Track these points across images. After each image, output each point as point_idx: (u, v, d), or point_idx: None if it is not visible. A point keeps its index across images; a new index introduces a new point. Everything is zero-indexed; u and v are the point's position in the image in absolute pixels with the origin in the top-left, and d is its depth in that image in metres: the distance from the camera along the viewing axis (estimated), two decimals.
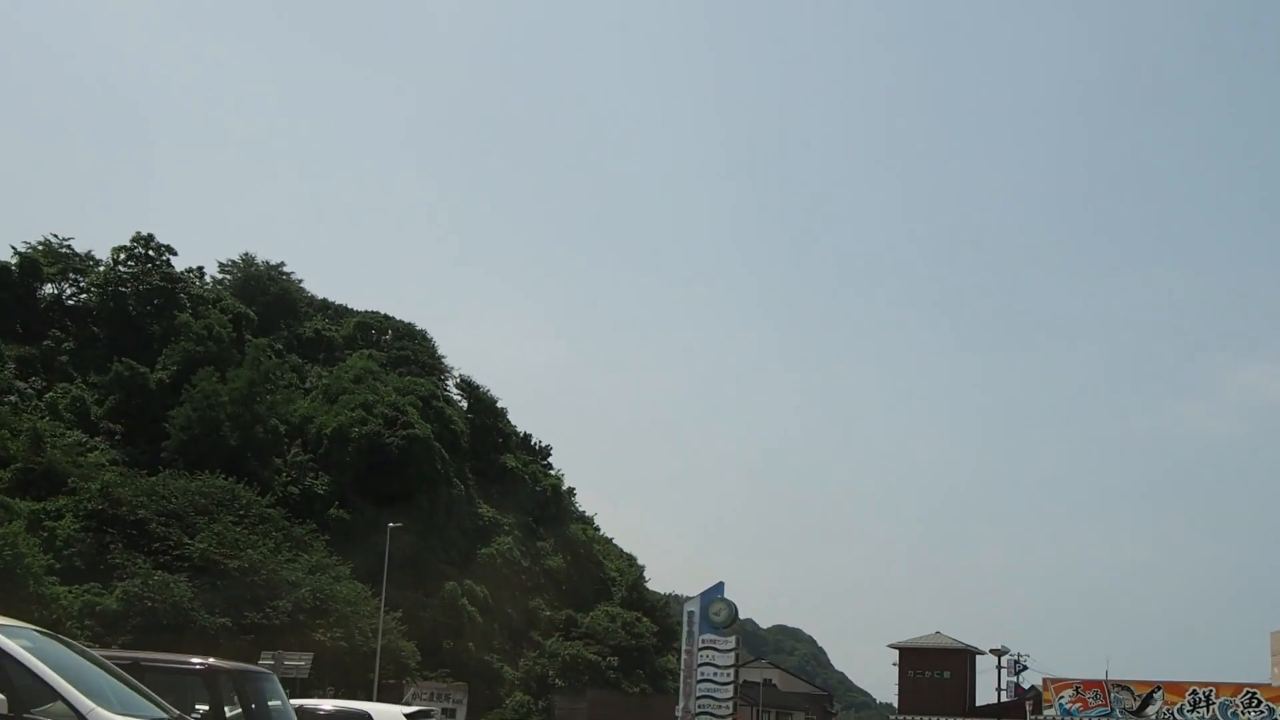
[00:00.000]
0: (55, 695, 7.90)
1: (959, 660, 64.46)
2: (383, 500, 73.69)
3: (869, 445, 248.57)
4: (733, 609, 47.95)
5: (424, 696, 64.19)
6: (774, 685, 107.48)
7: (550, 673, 75.77)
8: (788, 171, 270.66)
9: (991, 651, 64.96)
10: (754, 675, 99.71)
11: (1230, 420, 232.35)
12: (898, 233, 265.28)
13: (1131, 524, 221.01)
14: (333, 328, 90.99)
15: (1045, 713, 57.17)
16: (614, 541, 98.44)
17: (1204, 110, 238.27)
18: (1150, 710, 53.99)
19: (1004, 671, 63.72)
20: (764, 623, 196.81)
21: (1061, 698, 55.37)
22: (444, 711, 63.98)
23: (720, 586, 48.10)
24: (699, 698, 47.57)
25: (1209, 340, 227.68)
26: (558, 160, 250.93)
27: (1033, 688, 62.23)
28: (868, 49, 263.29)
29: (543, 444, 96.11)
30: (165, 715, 8.99)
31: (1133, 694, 55.39)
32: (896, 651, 65.48)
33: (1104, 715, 53.97)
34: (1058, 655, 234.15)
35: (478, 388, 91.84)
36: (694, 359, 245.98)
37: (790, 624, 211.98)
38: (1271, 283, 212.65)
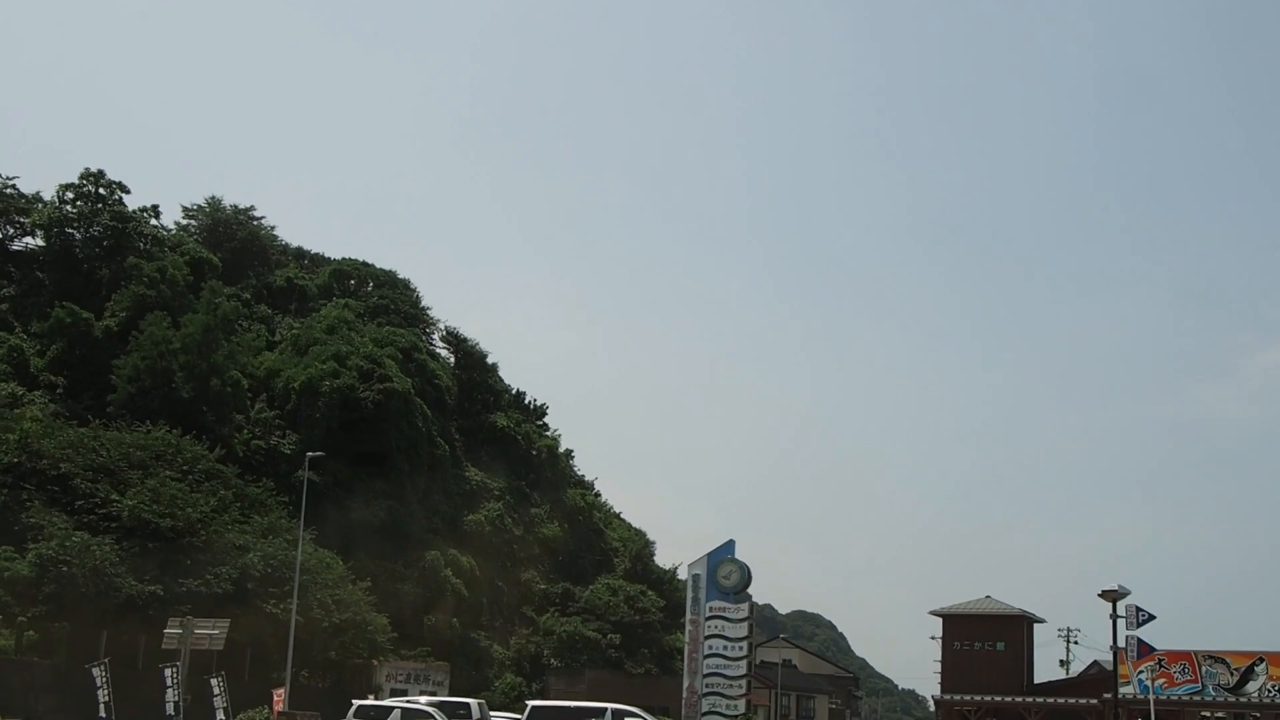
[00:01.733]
0: None
1: (1015, 629, 57.99)
2: (357, 461, 68.75)
3: (889, 429, 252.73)
4: (745, 571, 42.61)
5: (399, 677, 59.30)
6: (794, 666, 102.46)
7: (545, 652, 70.65)
8: (803, 156, 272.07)
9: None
10: (772, 655, 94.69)
11: (1252, 402, 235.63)
12: (916, 213, 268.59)
13: (1150, 505, 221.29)
14: (306, 276, 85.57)
15: (1122, 690, 51.40)
16: (615, 510, 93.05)
17: (1225, 93, 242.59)
18: (1251, 686, 48.42)
19: (1064, 645, 58.91)
20: (783, 608, 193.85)
21: (1141, 672, 49.65)
22: (422, 694, 59.19)
23: (730, 545, 42.74)
24: (707, 675, 42.31)
25: (1230, 323, 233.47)
26: (563, 118, 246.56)
27: (1095, 663, 56.64)
28: (885, 31, 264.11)
29: (537, 402, 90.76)
30: None
31: (1229, 667, 49.86)
32: (939, 620, 58.70)
33: (1194, 692, 48.23)
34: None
35: (465, 340, 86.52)
36: (705, 339, 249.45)
37: (810, 609, 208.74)
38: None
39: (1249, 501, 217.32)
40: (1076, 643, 65.21)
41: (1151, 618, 28.98)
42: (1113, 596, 30.55)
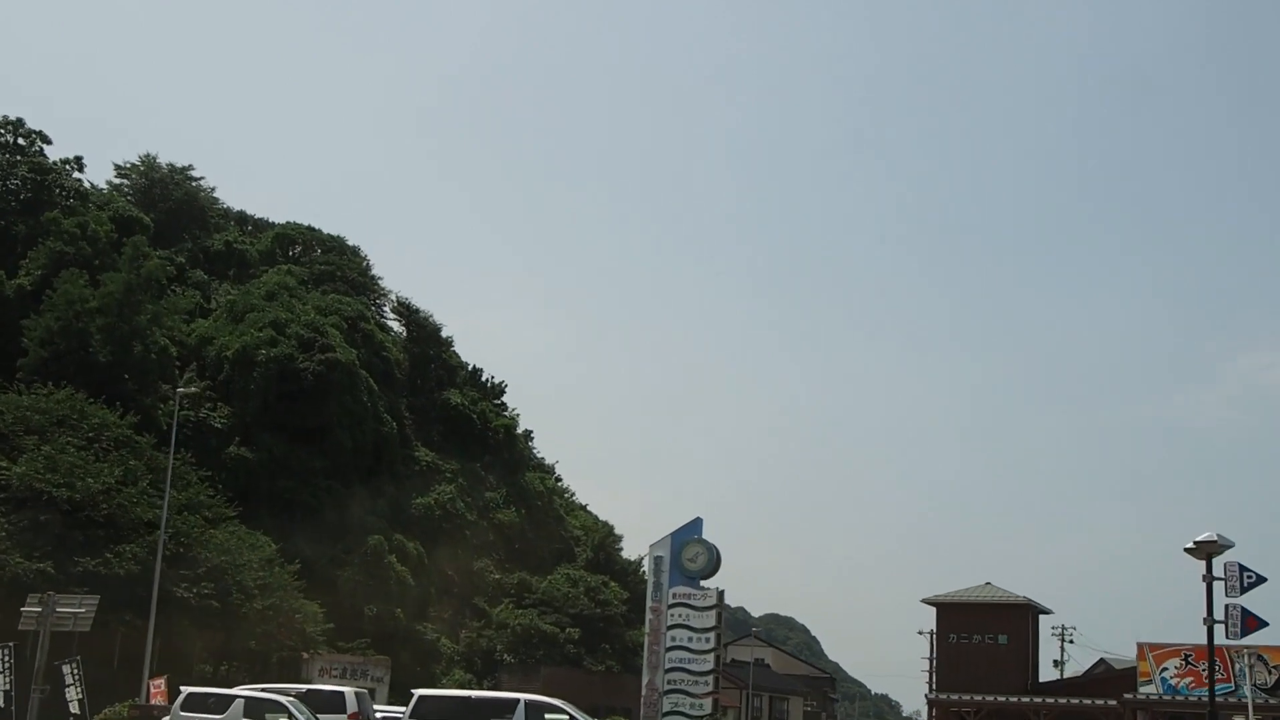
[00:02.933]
0: None
1: (1018, 620, 53.04)
2: (295, 437, 64.73)
3: (870, 431, 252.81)
4: (713, 554, 38.66)
5: (334, 671, 55.18)
6: (767, 665, 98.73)
7: (498, 646, 66.68)
8: (787, 156, 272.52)
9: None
10: (744, 654, 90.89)
11: (1229, 407, 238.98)
12: (897, 218, 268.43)
13: (1134, 508, 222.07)
14: (247, 241, 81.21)
15: (1142, 689, 47.52)
16: (577, 497, 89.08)
17: (1204, 97, 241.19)
18: None
19: (1058, 644, 54.91)
20: (756, 610, 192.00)
21: (1164, 669, 45.83)
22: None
23: (697, 524, 38.79)
24: (669, 670, 38.36)
25: (1208, 327, 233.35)
26: (541, 112, 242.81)
27: (1101, 661, 52.69)
28: (871, 31, 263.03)
29: (495, 380, 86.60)
30: None
31: (1267, 665, 45.65)
32: (930, 613, 54.51)
33: (1226, 693, 44.34)
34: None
35: (417, 312, 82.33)
36: (684, 338, 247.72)
37: (783, 613, 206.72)
38: (1269, 270, 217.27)
39: (1228, 506, 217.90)
40: (1072, 641, 61.66)
41: (1261, 580, 22.96)
42: (1208, 551, 23.35)
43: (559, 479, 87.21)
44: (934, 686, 55.51)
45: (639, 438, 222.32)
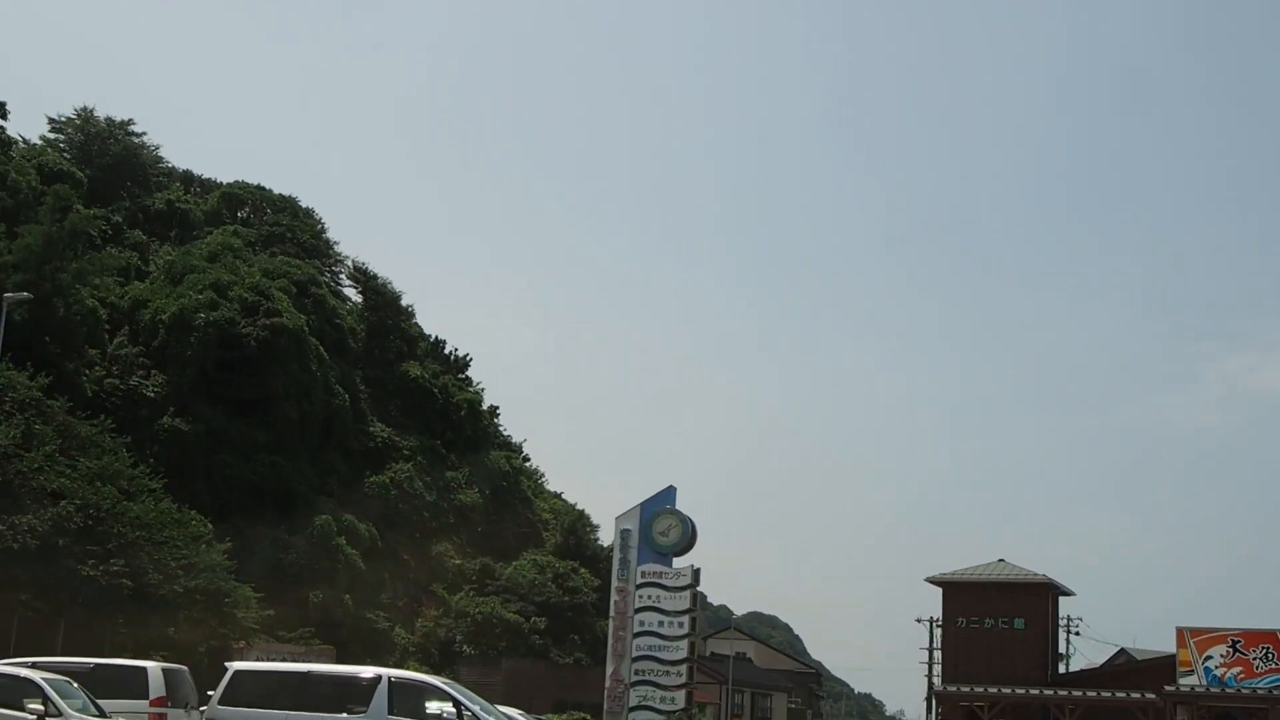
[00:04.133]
0: None
1: (1037, 602, 48.62)
2: (236, 408, 60.92)
3: (848, 432, 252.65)
4: (688, 526, 34.89)
5: (272, 661, 51.19)
6: (749, 660, 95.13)
7: (457, 637, 62.88)
8: (770, 151, 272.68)
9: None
10: (725, 647, 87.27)
11: (1213, 410, 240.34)
12: (881, 217, 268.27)
13: (1110, 513, 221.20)
14: (191, 201, 77.06)
15: (1182, 681, 43.64)
16: (546, 479, 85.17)
17: (1191, 98, 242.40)
18: None
19: (1065, 633, 51.15)
20: (738, 609, 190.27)
21: (1208, 657, 42.06)
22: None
23: (670, 493, 35.00)
24: (637, 659, 34.59)
25: (1192, 330, 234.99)
26: (522, 108, 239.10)
27: (1122, 651, 48.91)
28: (855, 26, 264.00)
29: (459, 353, 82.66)
30: None
31: None
32: (937, 592, 49.51)
33: (1278, 685, 40.53)
34: None
35: (375, 278, 78.31)
36: (666, 338, 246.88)
37: (766, 611, 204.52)
38: (1254, 272, 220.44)
39: (1210, 510, 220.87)
40: (1078, 633, 58.05)
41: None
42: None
43: (527, 459, 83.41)
44: (936, 678, 51.11)
45: (616, 433, 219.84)
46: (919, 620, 71.98)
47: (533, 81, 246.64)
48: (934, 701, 68.08)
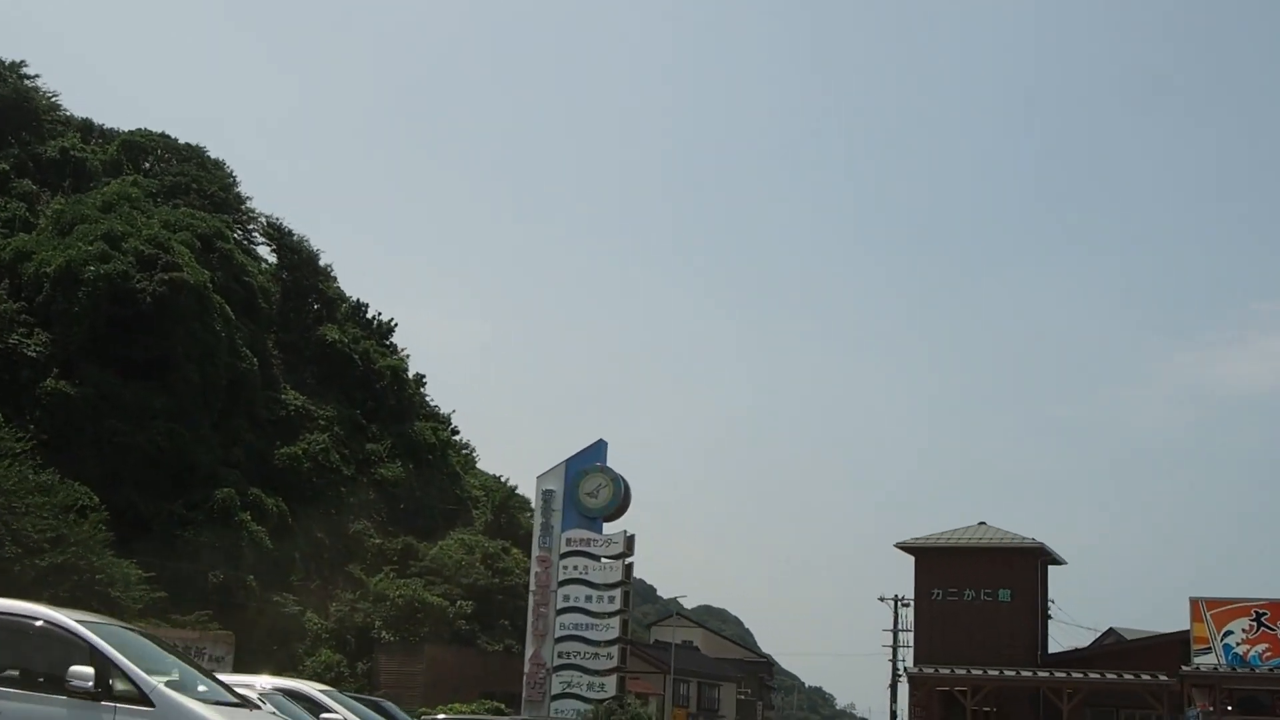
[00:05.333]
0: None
1: (1025, 570, 43.69)
2: (130, 370, 56.55)
3: (808, 432, 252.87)
4: (620, 486, 31.13)
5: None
6: (696, 648, 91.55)
7: (376, 622, 58.66)
8: (737, 145, 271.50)
9: None
10: (671, 635, 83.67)
11: (1164, 406, 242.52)
12: (843, 215, 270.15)
13: (1062, 510, 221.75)
14: (88, 150, 72.24)
15: (1198, 659, 39.74)
16: (477, 454, 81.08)
17: (1145, 97, 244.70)
18: None
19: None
20: (689, 604, 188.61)
21: (1227, 633, 38.21)
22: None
23: (600, 448, 31.24)
24: (561, 639, 30.74)
25: (1143, 325, 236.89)
26: (484, 103, 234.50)
27: (1111, 630, 44.91)
28: (822, 23, 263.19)
29: (382, 317, 78.31)
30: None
31: None
32: (909, 557, 44.19)
33: None
34: None
35: (290, 235, 73.80)
36: (628, 336, 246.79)
37: (716, 604, 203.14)
38: (1206, 267, 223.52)
39: (1159, 508, 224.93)
40: (1051, 617, 54.34)
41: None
42: None
43: (455, 431, 79.26)
44: (903, 662, 46.93)
45: (570, 430, 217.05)
46: (882, 599, 68.52)
47: (491, 62, 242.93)
48: (898, 689, 64.53)
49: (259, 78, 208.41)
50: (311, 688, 18.18)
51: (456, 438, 79.11)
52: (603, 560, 31.34)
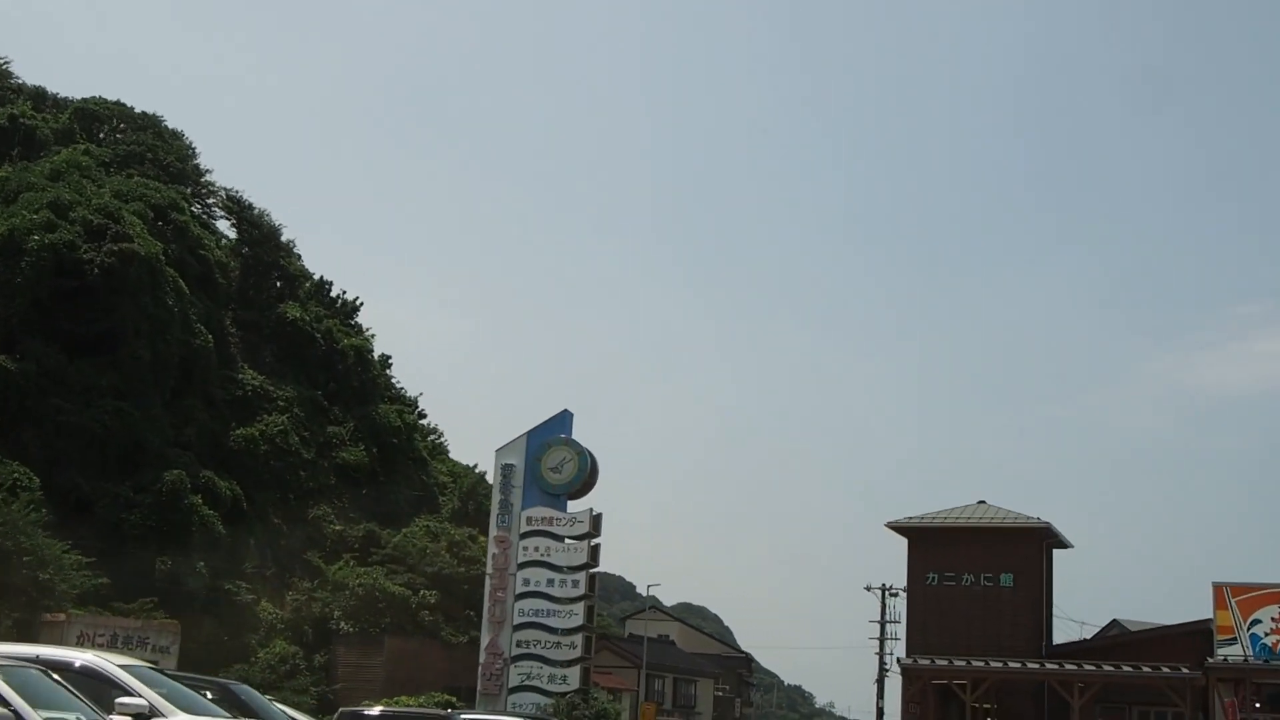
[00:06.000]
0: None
1: (1029, 552, 40.67)
2: (76, 346, 54.37)
3: (790, 423, 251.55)
4: (586, 461, 29.12)
5: (99, 638, 44.86)
6: (672, 643, 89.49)
7: (335, 612, 56.48)
8: (720, 140, 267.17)
9: None
10: (644, 628, 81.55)
11: (1142, 409, 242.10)
12: (830, 212, 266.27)
13: (1049, 508, 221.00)
14: (39, 117, 69.81)
15: (1222, 650, 37.49)
16: (445, 440, 78.80)
17: (1127, 95, 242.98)
18: None
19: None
20: (668, 600, 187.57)
21: (1254, 622, 35.97)
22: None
23: (564, 419, 29.19)
24: (522, 625, 28.54)
25: (1122, 327, 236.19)
26: (463, 97, 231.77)
27: (1115, 622, 42.46)
28: (805, 19, 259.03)
29: (347, 296, 76.03)
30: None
31: None
32: (896, 547, 41.54)
33: None
34: None
35: (251, 209, 71.41)
36: (607, 333, 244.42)
37: (695, 601, 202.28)
38: (1185, 270, 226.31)
39: (1148, 506, 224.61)
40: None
41: None
42: None
43: (423, 415, 76.97)
44: (890, 655, 44.26)
45: (531, 402, 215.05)
46: (869, 588, 66.36)
47: (472, 47, 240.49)
48: (884, 684, 62.49)
49: (225, 51, 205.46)
50: (106, 660, 14.92)
51: (424, 422, 76.95)
52: (566, 541, 29.28)
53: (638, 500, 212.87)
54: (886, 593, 64.74)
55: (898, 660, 43.53)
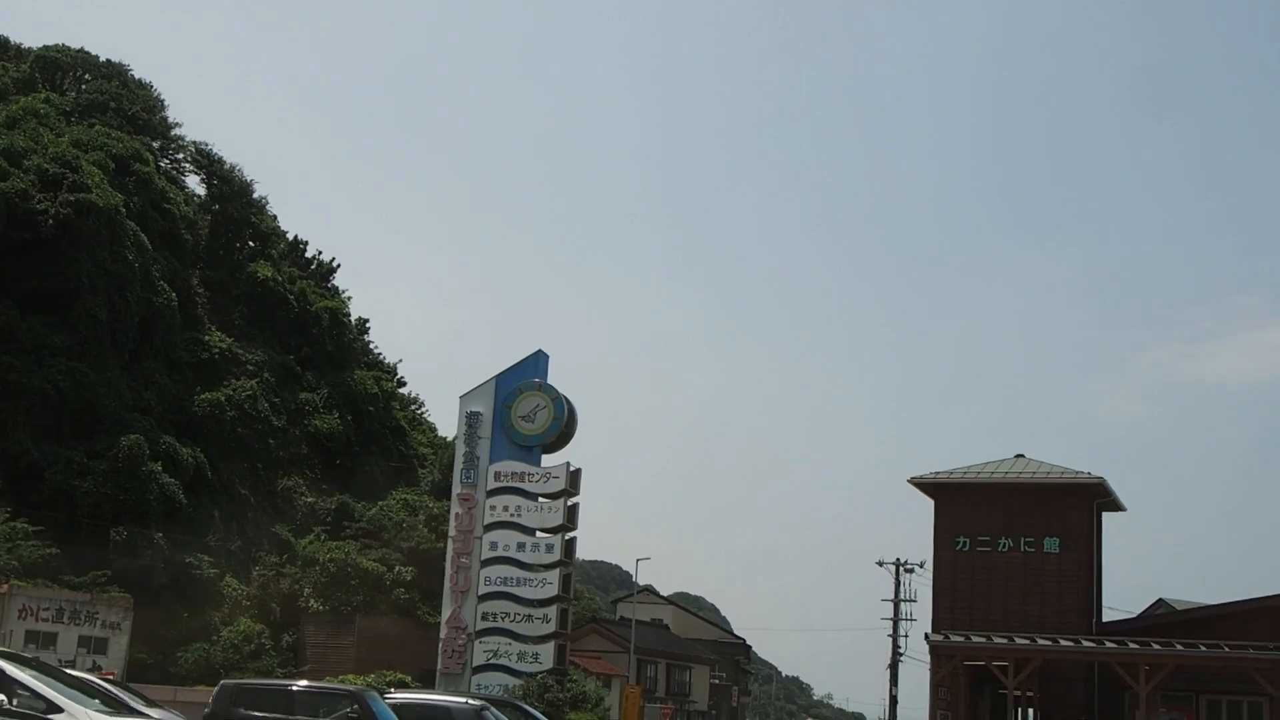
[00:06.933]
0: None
1: (1077, 512, 36.18)
2: (29, 301, 52.02)
3: (784, 423, 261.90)
4: (563, 409, 26.64)
5: (43, 613, 42.65)
6: (665, 627, 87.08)
7: (304, 589, 53.81)
8: (710, 132, 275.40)
9: None
10: (639, 614, 79.02)
11: (1138, 399, 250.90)
12: (814, 205, 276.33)
13: None
14: (1, 66, 67.13)
15: None
16: (426, 410, 76.21)
17: (1120, 89, 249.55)
18: None
19: None
20: (664, 589, 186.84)
21: None
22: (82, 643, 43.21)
23: (538, 360, 26.50)
24: (488, 596, 25.93)
25: (1118, 319, 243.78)
26: (457, 92, 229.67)
27: (1160, 601, 38.54)
28: (790, 19, 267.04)
29: (322, 256, 73.41)
30: None
31: None
32: (929, 499, 37.62)
33: None
34: None
35: (222, 163, 68.63)
36: (597, 326, 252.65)
37: (692, 591, 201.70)
38: (1182, 261, 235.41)
39: (1141, 496, 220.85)
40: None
41: None
42: None
43: (402, 382, 74.31)
44: (933, 622, 39.57)
45: None
46: (880, 563, 62.97)
47: (468, 32, 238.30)
48: (898, 670, 59.59)
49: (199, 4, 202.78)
50: None
51: (404, 391, 74.31)
52: (540, 500, 26.62)
53: (629, 487, 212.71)
54: (901, 568, 61.71)
55: (926, 637, 38.76)
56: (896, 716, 61.06)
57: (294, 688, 20.79)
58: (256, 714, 19.45)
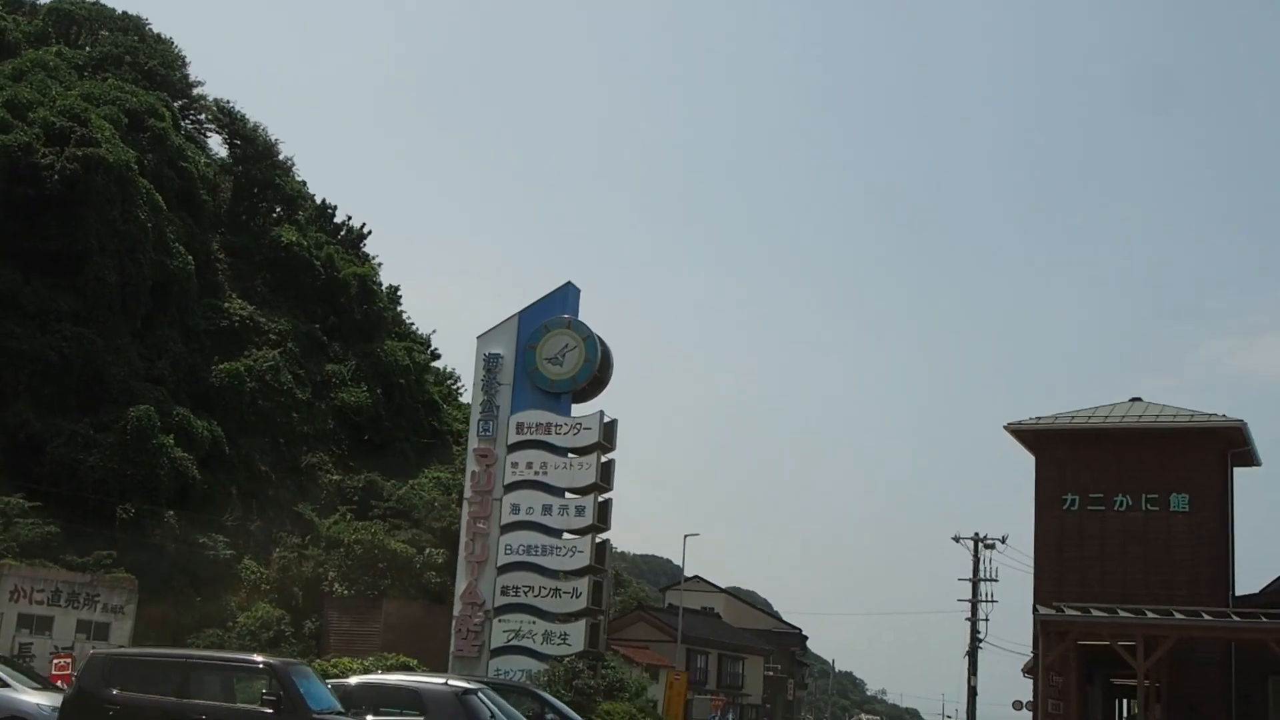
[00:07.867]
0: None
1: (1210, 465, 31.77)
2: (34, 263, 49.72)
3: (823, 416, 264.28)
4: (595, 349, 23.62)
5: (38, 594, 40.42)
6: (717, 615, 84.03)
7: (329, 573, 51.09)
8: (751, 123, 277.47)
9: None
10: (688, 601, 76.07)
11: (1191, 394, 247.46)
12: (858, 199, 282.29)
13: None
14: (9, 19, 64.69)
15: None
16: (459, 383, 73.17)
17: (1167, 87, 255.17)
18: None
19: None
20: (719, 583, 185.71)
21: None
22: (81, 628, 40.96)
23: (568, 295, 23.29)
24: (508, 567, 22.74)
25: (1171, 313, 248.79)
26: (493, 83, 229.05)
27: (1278, 579, 34.32)
28: (833, 16, 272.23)
29: (351, 221, 70.59)
30: None
31: None
32: (1024, 446, 33.44)
33: None
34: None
35: (245, 122, 65.91)
36: (639, 314, 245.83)
37: (745, 586, 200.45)
38: (1233, 256, 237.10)
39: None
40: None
41: None
42: None
43: (436, 355, 71.47)
44: (1035, 594, 34.77)
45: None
46: (956, 539, 57.85)
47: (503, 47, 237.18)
48: (977, 658, 55.82)
49: None
50: None
51: (437, 364, 71.44)
52: (569, 455, 23.50)
53: (679, 481, 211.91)
54: (980, 543, 57.07)
55: (1035, 611, 33.39)
56: (975, 710, 56.66)
57: (191, 659, 17.61)
58: (139, 695, 16.37)
